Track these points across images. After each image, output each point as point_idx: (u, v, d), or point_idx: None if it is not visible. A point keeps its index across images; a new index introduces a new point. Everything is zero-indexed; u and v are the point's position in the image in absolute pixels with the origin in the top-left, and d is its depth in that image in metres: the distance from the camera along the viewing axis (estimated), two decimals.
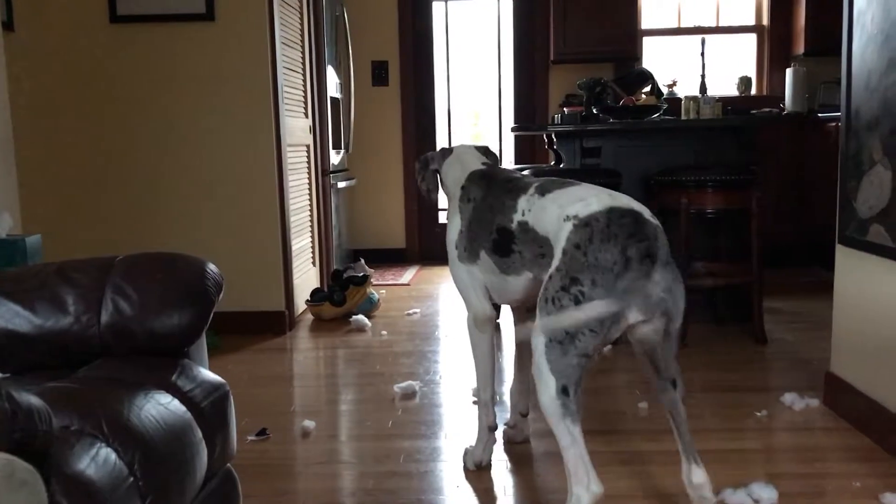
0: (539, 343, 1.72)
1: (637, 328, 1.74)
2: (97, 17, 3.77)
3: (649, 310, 1.69)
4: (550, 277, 1.73)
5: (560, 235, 1.75)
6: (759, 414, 2.64)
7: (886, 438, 2.32)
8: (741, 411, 2.68)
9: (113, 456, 1.20)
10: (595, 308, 1.65)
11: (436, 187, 2.42)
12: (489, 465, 2.30)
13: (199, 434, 1.47)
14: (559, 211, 1.80)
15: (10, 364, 1.64)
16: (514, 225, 1.96)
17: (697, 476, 1.82)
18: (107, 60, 3.80)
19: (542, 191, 1.93)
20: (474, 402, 2.82)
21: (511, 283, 2.07)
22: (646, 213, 1.75)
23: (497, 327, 2.28)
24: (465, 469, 2.29)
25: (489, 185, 2.15)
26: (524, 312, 2.42)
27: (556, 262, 1.73)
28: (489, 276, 2.13)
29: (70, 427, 1.22)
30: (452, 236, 2.22)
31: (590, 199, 1.77)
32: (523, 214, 1.94)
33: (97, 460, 1.17)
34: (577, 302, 1.66)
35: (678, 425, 1.84)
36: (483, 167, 2.26)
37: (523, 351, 2.45)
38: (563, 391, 1.70)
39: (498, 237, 2.02)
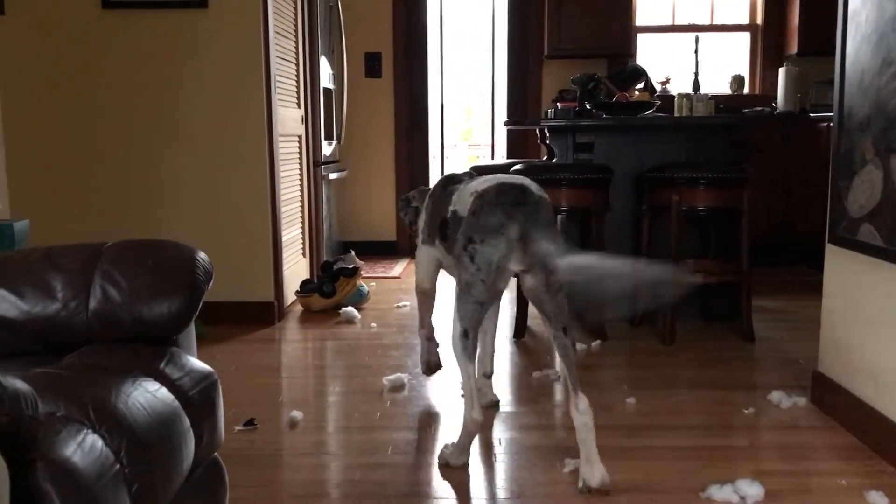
0: (455, 293, 2.14)
1: (524, 280, 2.08)
2: (89, 3, 3.73)
3: (527, 262, 2.02)
4: (456, 240, 2.14)
5: (467, 208, 2.14)
6: (746, 411, 2.65)
7: (872, 437, 2.33)
8: (728, 408, 2.68)
9: (99, 443, 1.19)
10: (483, 259, 2.03)
11: (416, 220, 2.82)
12: (466, 464, 2.27)
13: (187, 422, 1.45)
14: (471, 191, 2.18)
15: None
16: (448, 215, 2.32)
17: (583, 403, 2.05)
18: (98, 46, 3.76)
19: (469, 183, 2.31)
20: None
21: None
22: (533, 187, 2.10)
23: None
24: (440, 465, 2.27)
25: (445, 186, 2.49)
26: None
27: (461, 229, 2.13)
28: (444, 259, 2.50)
29: (56, 413, 1.20)
30: (420, 226, 2.72)
31: (494, 179, 2.15)
32: (454, 205, 2.30)
33: (83, 447, 1.15)
34: (472, 258, 2.05)
35: (567, 365, 2.08)
36: (454, 174, 2.61)
37: (487, 319, 2.70)
38: (464, 335, 2.14)
39: (440, 227, 2.40)
